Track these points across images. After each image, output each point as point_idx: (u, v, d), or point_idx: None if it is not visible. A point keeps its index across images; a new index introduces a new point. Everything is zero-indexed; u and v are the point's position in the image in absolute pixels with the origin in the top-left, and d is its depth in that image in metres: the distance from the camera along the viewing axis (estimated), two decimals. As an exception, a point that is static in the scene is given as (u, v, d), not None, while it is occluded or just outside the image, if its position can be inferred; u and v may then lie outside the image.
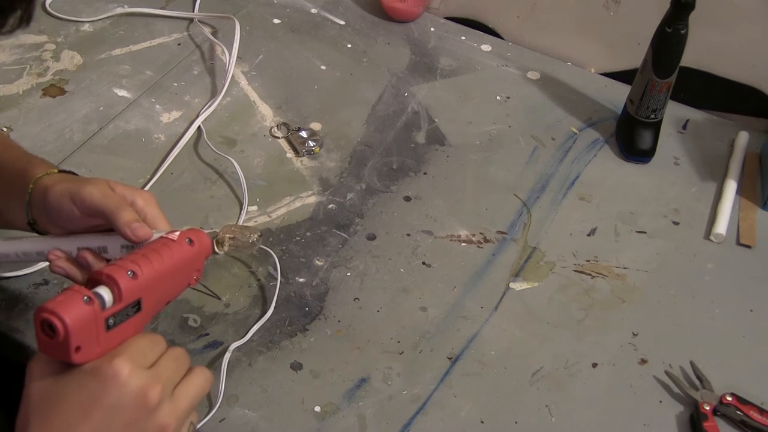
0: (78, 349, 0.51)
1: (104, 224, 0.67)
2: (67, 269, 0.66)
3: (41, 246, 0.69)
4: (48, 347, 0.51)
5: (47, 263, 0.68)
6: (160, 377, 0.54)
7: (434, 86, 1.13)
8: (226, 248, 0.67)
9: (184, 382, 0.56)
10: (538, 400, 0.78)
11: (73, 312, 0.50)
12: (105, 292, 0.53)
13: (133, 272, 0.54)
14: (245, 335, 0.80)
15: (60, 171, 0.70)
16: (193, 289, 0.65)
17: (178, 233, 0.61)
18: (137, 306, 0.55)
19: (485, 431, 0.75)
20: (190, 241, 0.61)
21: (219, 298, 0.81)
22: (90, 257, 0.66)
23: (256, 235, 0.67)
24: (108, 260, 0.67)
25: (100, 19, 1.17)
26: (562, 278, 0.89)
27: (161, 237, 0.62)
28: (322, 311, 0.84)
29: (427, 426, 0.75)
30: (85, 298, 0.51)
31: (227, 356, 0.77)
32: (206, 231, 0.66)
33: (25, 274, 0.83)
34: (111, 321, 0.53)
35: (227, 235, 0.67)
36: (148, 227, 0.64)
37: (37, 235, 0.70)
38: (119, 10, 1.18)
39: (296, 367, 0.78)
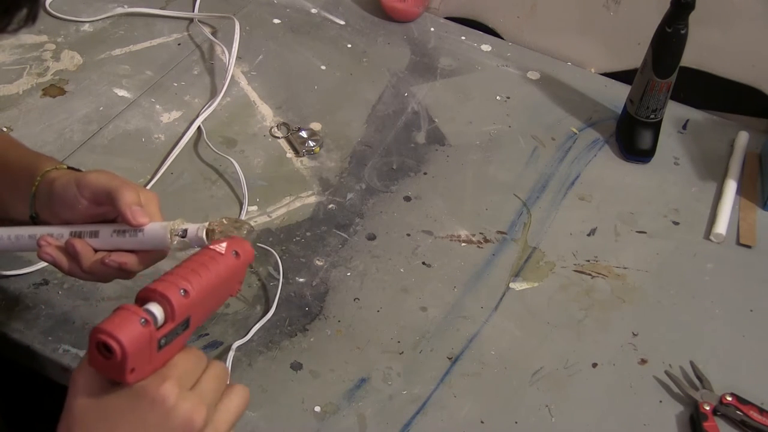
0: (132, 370, 0.51)
1: (107, 214, 0.67)
2: (55, 257, 0.66)
3: (33, 230, 0.68)
4: (102, 367, 0.51)
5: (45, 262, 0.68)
6: (205, 399, 0.54)
7: (434, 86, 1.13)
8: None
9: (225, 402, 0.56)
10: (538, 400, 0.78)
11: (131, 335, 0.49)
12: (157, 310, 0.52)
13: (185, 290, 0.53)
14: (246, 335, 0.80)
15: (69, 168, 0.71)
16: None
17: (225, 245, 0.59)
18: (186, 324, 0.54)
19: (485, 431, 0.75)
20: (236, 254, 0.59)
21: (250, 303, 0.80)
22: (78, 245, 0.65)
23: (246, 228, 0.65)
24: (96, 250, 0.66)
25: (100, 19, 1.17)
26: (562, 278, 0.89)
27: (208, 249, 0.59)
28: (322, 311, 0.84)
29: (427, 426, 0.75)
30: (142, 320, 0.51)
31: (230, 355, 0.77)
32: (196, 224, 0.66)
33: (25, 273, 0.83)
34: (163, 341, 0.52)
35: (216, 229, 0.65)
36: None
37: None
38: (119, 10, 1.18)
39: (296, 367, 0.78)
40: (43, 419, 0.83)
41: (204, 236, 0.65)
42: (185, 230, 0.65)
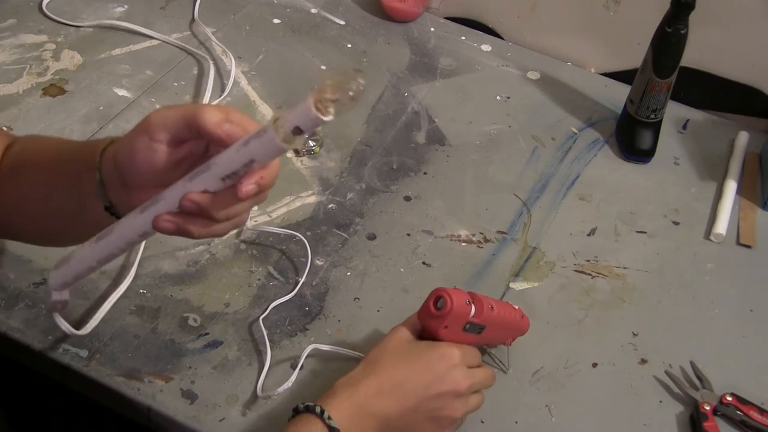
0: (446, 327, 0.69)
1: (191, 154, 0.60)
2: (179, 224, 0.58)
3: (138, 224, 0.60)
4: (427, 315, 0.70)
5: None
6: (474, 378, 0.71)
7: (434, 86, 1.13)
8: (331, 114, 0.52)
9: (479, 393, 0.73)
10: (538, 400, 0.78)
11: (459, 302, 0.69)
12: (473, 306, 0.71)
13: (492, 307, 0.72)
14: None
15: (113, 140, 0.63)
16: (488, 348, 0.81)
17: (519, 308, 0.78)
18: (480, 330, 0.72)
19: (485, 431, 0.75)
20: (522, 317, 0.78)
21: (505, 371, 0.79)
22: (196, 198, 0.57)
23: (359, 80, 0.52)
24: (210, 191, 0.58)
25: (99, 22, 1.16)
26: (562, 278, 0.89)
27: (510, 305, 0.77)
28: (322, 311, 0.84)
29: (427, 426, 0.75)
30: (467, 300, 0.70)
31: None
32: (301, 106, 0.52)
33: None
34: (467, 326, 0.71)
35: (328, 96, 0.51)
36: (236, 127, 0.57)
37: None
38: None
39: (296, 366, 0.78)
40: (43, 418, 0.83)
41: (318, 114, 0.52)
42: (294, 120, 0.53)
